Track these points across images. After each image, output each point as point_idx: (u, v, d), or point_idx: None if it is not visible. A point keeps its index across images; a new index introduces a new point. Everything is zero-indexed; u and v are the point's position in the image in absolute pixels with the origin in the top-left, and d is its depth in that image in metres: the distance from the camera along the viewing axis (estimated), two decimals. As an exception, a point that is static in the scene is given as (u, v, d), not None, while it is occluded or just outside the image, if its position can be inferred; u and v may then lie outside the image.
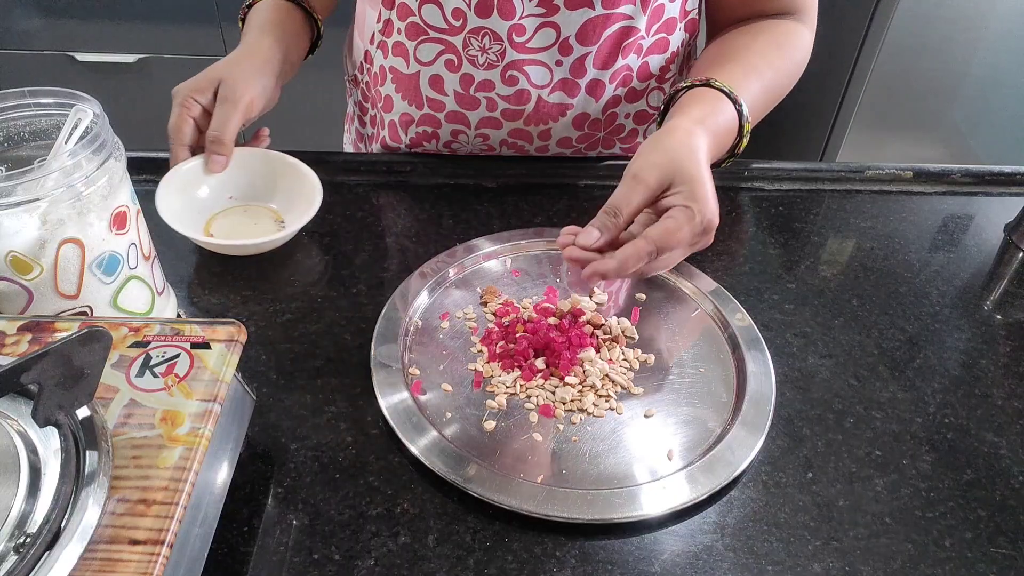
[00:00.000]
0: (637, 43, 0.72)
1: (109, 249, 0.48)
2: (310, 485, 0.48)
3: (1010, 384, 0.58)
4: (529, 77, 0.73)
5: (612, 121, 0.79)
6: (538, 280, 0.65)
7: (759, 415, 0.52)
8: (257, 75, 0.69)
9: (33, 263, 0.46)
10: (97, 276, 0.48)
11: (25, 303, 0.47)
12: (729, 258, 0.70)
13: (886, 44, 1.61)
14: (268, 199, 0.71)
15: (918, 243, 0.73)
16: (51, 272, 0.46)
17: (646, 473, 0.49)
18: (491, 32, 0.70)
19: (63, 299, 0.48)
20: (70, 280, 0.47)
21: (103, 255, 0.48)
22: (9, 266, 0.45)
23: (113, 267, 0.49)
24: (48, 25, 1.63)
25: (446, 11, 0.70)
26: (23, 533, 0.33)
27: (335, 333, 0.59)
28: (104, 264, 0.48)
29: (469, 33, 0.71)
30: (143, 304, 0.53)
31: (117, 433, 0.38)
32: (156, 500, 0.35)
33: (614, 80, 0.74)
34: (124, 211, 0.49)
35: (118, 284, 0.50)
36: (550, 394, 0.54)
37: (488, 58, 0.72)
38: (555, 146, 0.80)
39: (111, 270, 0.49)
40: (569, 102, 0.75)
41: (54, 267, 0.46)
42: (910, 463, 0.51)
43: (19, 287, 0.46)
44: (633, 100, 0.78)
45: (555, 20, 0.69)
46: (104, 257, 0.48)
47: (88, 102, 0.47)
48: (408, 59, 0.75)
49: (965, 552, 0.46)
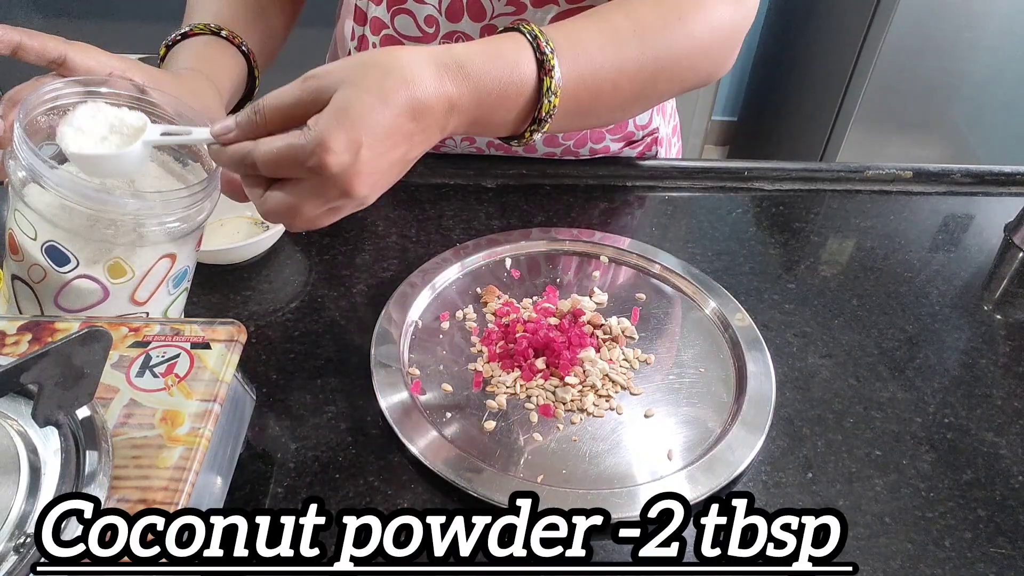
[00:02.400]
0: None
1: (187, 264, 0.49)
2: (310, 485, 0.48)
3: (1010, 384, 0.58)
4: None
5: None
6: (538, 280, 0.65)
7: (759, 415, 0.52)
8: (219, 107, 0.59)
9: (129, 269, 0.46)
10: (168, 288, 0.49)
11: (95, 301, 0.47)
12: (729, 258, 0.70)
13: (886, 44, 1.61)
14: (243, 208, 0.69)
15: (918, 243, 0.73)
16: (138, 280, 0.46)
17: (646, 473, 0.49)
18: (464, 36, 0.70)
19: (132, 305, 0.48)
20: (148, 290, 0.47)
21: (181, 269, 0.49)
22: (106, 269, 0.45)
23: (181, 280, 0.50)
24: (48, 25, 1.62)
25: (419, 19, 0.70)
26: (23, 533, 0.33)
27: (335, 333, 0.59)
28: (178, 277, 0.49)
29: (443, 39, 0.70)
30: (179, 313, 0.53)
31: (117, 433, 0.38)
32: (156, 500, 0.35)
33: None
34: (203, 230, 0.50)
35: (176, 295, 0.51)
36: (550, 394, 0.54)
37: None
38: (542, 145, 0.80)
39: (179, 283, 0.50)
40: None
41: (144, 276, 0.46)
42: (910, 463, 0.51)
43: (99, 286, 0.46)
44: None
45: (525, 18, 0.68)
46: (181, 271, 0.49)
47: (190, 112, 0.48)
48: None
49: (965, 552, 0.46)
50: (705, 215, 0.76)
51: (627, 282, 0.66)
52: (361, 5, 0.73)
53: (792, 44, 2.04)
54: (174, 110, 0.49)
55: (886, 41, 1.61)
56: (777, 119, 2.17)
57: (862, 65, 1.68)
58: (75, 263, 0.44)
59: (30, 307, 0.47)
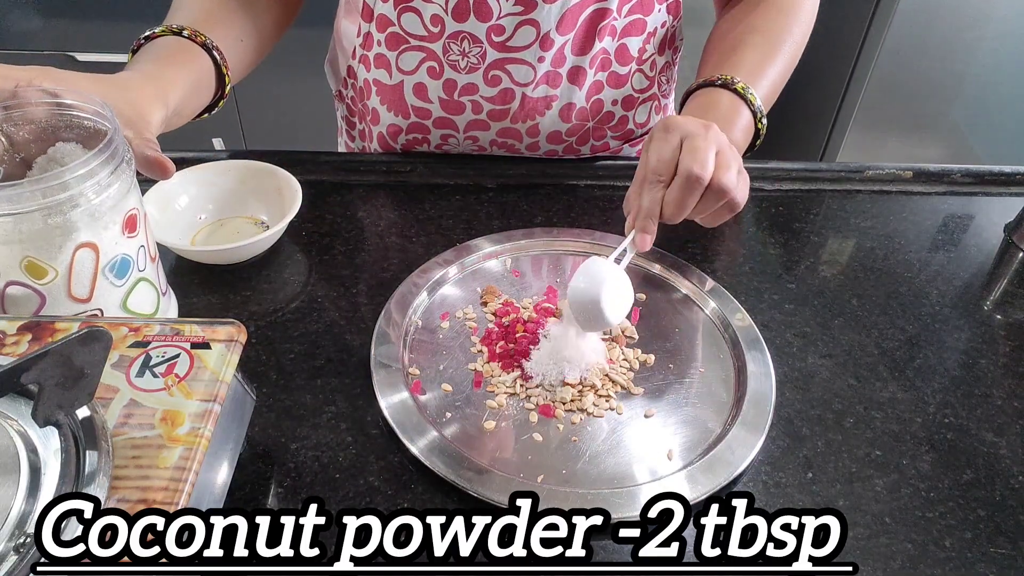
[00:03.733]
0: (611, 25, 0.72)
1: (121, 252, 0.49)
2: (310, 485, 0.48)
3: (1010, 384, 0.58)
4: (512, 76, 0.73)
5: (599, 109, 0.78)
6: (538, 280, 0.65)
7: (759, 415, 0.52)
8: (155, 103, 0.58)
9: (48, 267, 0.45)
10: (109, 279, 0.48)
11: (37, 307, 0.47)
12: (729, 258, 0.70)
13: (886, 44, 1.61)
14: (243, 209, 0.70)
15: (918, 243, 0.73)
16: (65, 276, 0.46)
17: (646, 473, 0.49)
18: (470, 35, 0.70)
19: (75, 303, 0.48)
20: (83, 284, 0.47)
21: (116, 258, 0.48)
22: (24, 271, 0.45)
23: (124, 270, 0.49)
24: (48, 25, 1.62)
25: (425, 18, 0.70)
26: (23, 533, 0.33)
27: (335, 333, 0.59)
28: (116, 267, 0.49)
29: (448, 38, 0.71)
30: (150, 305, 0.53)
31: (117, 433, 0.38)
32: (156, 500, 0.35)
33: (593, 65, 0.74)
34: (135, 214, 0.49)
35: (128, 286, 0.50)
36: (550, 394, 0.54)
37: (469, 61, 0.72)
38: (545, 142, 0.80)
39: (123, 273, 0.49)
40: (553, 93, 0.75)
41: (68, 271, 0.46)
42: (910, 463, 0.51)
43: (32, 291, 0.46)
44: (616, 85, 0.78)
45: (534, 16, 0.69)
46: (116, 260, 0.48)
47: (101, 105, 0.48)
48: (391, 70, 0.75)
49: (965, 552, 0.46)
50: (705, 215, 0.76)
51: (627, 282, 0.66)
52: (368, 1, 0.73)
53: (792, 44, 2.03)
54: (92, 111, 0.48)
55: (886, 41, 1.61)
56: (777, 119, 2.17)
57: (862, 65, 1.69)
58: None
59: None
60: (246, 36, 0.71)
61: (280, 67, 1.21)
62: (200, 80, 0.65)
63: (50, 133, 0.49)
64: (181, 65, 0.63)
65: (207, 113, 0.70)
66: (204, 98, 0.67)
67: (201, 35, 0.65)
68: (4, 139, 0.48)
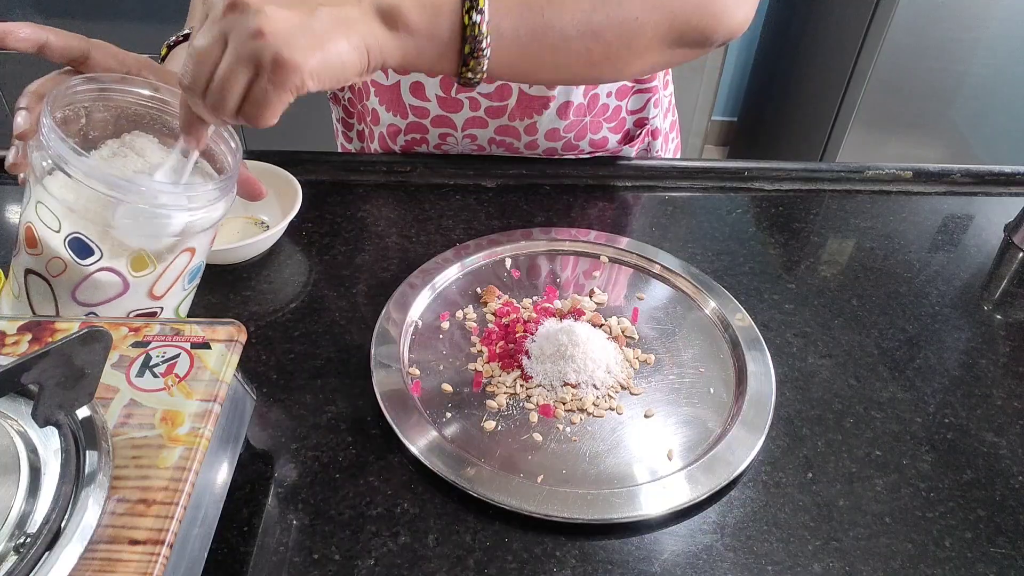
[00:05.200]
0: None
1: (202, 260, 0.50)
2: (310, 485, 0.48)
3: (1010, 384, 0.58)
4: None
5: (595, 103, 0.78)
6: (538, 280, 0.65)
7: (759, 415, 0.52)
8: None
9: (152, 263, 0.46)
10: (183, 283, 0.49)
11: (115, 295, 0.46)
12: (729, 258, 0.70)
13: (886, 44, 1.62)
14: (243, 209, 0.70)
15: (918, 243, 0.73)
16: (159, 273, 0.46)
17: (646, 473, 0.49)
18: None
19: (150, 299, 0.48)
20: (166, 284, 0.48)
21: (198, 264, 0.49)
22: (129, 261, 0.45)
23: (195, 275, 0.50)
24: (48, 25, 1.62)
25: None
26: (23, 533, 0.33)
27: (335, 333, 0.59)
28: (193, 273, 0.49)
29: None
30: (187, 310, 0.53)
31: (117, 433, 0.38)
32: (156, 500, 0.35)
33: None
34: (218, 227, 0.50)
35: (190, 291, 0.51)
36: (550, 394, 0.54)
37: None
38: (544, 140, 0.80)
39: (193, 278, 0.50)
40: (550, 93, 0.75)
41: (165, 269, 0.46)
42: (910, 463, 0.51)
43: (120, 279, 0.46)
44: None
45: None
46: (197, 266, 0.49)
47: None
48: (387, 70, 0.75)
49: (965, 552, 0.46)
50: (705, 215, 0.76)
51: (627, 282, 0.66)
52: None
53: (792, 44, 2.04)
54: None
55: (886, 41, 1.61)
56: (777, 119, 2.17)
57: (862, 65, 1.69)
58: (99, 255, 0.44)
59: (43, 302, 0.47)
60: None
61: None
62: None
63: (128, 120, 0.49)
64: None
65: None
66: None
67: None
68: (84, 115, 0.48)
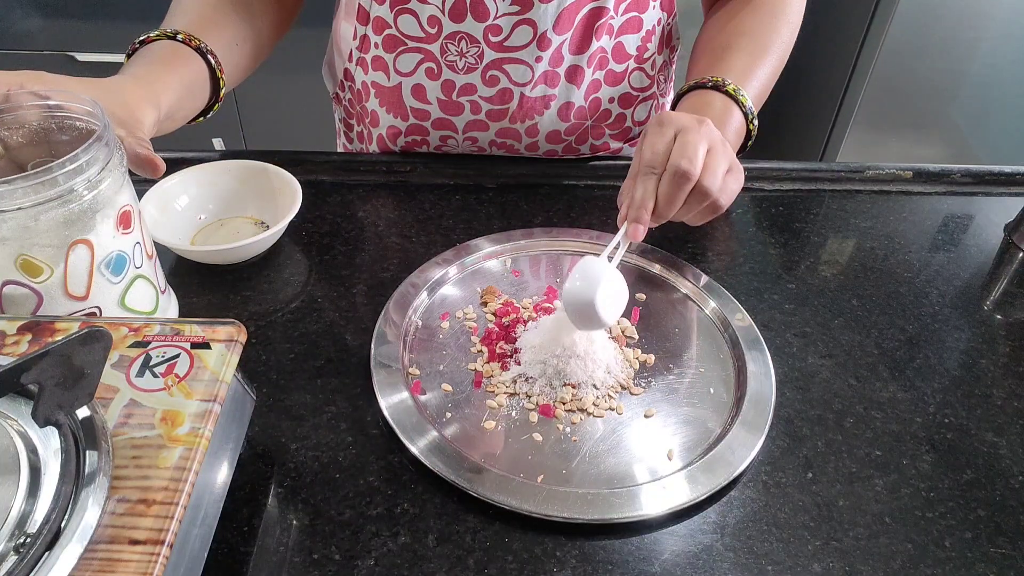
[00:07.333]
0: (608, 23, 0.72)
1: (117, 248, 0.49)
2: (310, 485, 0.48)
3: (1010, 384, 0.58)
4: (510, 75, 0.73)
5: (596, 107, 0.78)
6: (538, 280, 0.65)
7: (759, 415, 0.52)
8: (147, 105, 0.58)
9: (43, 265, 0.45)
10: (105, 276, 0.48)
11: (35, 306, 0.47)
12: (729, 258, 0.70)
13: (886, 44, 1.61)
14: (243, 209, 0.70)
15: (918, 243, 0.73)
16: (61, 274, 0.46)
17: (646, 473, 0.49)
18: (467, 36, 0.70)
19: (73, 301, 0.48)
20: (80, 281, 0.47)
21: (111, 255, 0.48)
22: (19, 269, 0.45)
23: (121, 266, 0.49)
24: (48, 25, 1.62)
25: (421, 19, 0.70)
26: (23, 533, 0.33)
27: (335, 333, 0.59)
28: (112, 264, 0.49)
29: (446, 39, 0.71)
30: (148, 303, 0.53)
31: (117, 433, 0.38)
32: (156, 500, 0.35)
33: (591, 64, 0.74)
34: (129, 210, 0.49)
35: (125, 283, 0.50)
36: (550, 394, 0.54)
37: (467, 61, 0.72)
38: (544, 142, 0.80)
39: (119, 270, 0.49)
40: (551, 93, 0.75)
41: (64, 269, 0.46)
42: (910, 463, 0.51)
43: (29, 290, 0.46)
44: (614, 83, 0.78)
45: (530, 16, 0.69)
46: (112, 257, 0.48)
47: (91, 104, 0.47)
48: (388, 72, 0.75)
49: (965, 552, 0.46)
50: (705, 215, 0.76)
51: (627, 282, 0.66)
52: (364, 4, 0.73)
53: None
54: (83, 111, 0.48)
55: (886, 41, 1.61)
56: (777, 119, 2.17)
57: (862, 65, 1.69)
58: None
59: None
60: (242, 40, 0.71)
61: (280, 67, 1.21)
62: (193, 84, 0.65)
63: (43, 136, 0.49)
64: (174, 69, 0.63)
65: (202, 117, 0.69)
66: (198, 102, 0.67)
67: (196, 39, 0.65)
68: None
